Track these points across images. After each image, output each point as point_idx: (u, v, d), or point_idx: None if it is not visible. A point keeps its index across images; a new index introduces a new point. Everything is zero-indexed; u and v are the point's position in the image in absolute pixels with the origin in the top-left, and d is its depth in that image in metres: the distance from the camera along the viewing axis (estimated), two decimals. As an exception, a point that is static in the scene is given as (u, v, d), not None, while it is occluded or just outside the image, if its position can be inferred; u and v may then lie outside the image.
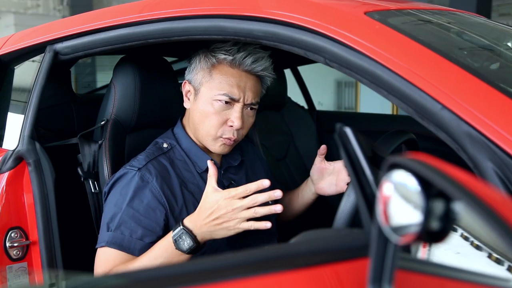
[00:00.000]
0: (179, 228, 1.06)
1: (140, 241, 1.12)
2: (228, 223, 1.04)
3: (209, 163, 1.13)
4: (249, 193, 1.04)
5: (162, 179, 1.17)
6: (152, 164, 1.18)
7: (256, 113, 1.28)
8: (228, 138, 1.20)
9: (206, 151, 1.26)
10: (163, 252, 1.08)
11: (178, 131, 1.28)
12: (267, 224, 1.04)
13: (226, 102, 1.18)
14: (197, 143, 1.26)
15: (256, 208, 1.03)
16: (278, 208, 1.02)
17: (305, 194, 1.40)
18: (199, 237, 1.06)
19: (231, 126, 1.19)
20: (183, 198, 1.18)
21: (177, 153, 1.25)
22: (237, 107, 1.19)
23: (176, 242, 1.06)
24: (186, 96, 1.26)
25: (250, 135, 1.87)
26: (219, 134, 1.20)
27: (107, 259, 1.12)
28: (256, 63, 1.20)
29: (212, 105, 1.19)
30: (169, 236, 1.08)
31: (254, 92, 1.21)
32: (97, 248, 1.15)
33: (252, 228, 1.04)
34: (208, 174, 1.10)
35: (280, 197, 1.03)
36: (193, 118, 1.24)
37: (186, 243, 1.05)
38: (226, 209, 1.04)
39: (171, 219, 1.16)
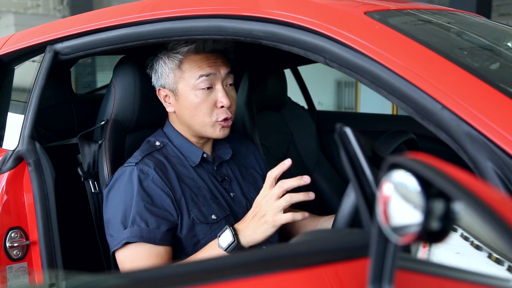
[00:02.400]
0: (226, 228, 1.08)
1: (157, 230, 1.13)
2: (266, 217, 1.03)
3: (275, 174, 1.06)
4: (275, 181, 1.04)
5: (160, 170, 1.19)
6: (148, 158, 1.21)
7: (255, 108, 1.29)
8: (225, 119, 1.24)
9: (198, 145, 1.29)
10: (206, 250, 1.10)
11: (168, 129, 1.31)
12: (310, 195, 1.02)
13: (208, 88, 1.22)
14: (189, 139, 1.29)
15: (289, 194, 1.02)
16: (311, 195, 1.02)
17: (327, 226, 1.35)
18: (242, 239, 1.06)
19: (222, 106, 1.23)
20: (181, 191, 1.19)
21: (170, 150, 1.27)
22: (218, 86, 1.23)
23: (219, 237, 1.07)
24: (165, 101, 1.29)
25: (250, 135, 1.87)
26: (214, 118, 1.23)
27: (133, 255, 1.12)
28: (216, 42, 1.24)
29: (196, 96, 1.22)
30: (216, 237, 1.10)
31: (225, 65, 1.26)
32: (115, 250, 1.14)
33: (291, 219, 1.02)
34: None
35: (308, 182, 1.02)
36: (182, 117, 1.27)
37: (227, 239, 1.06)
38: (261, 203, 1.04)
39: (177, 206, 1.17)
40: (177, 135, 1.29)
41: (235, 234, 1.06)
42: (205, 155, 1.29)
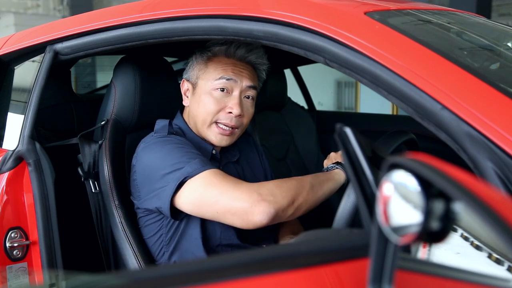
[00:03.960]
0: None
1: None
2: None
3: None
4: None
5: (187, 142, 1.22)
6: (172, 134, 1.24)
7: (255, 108, 1.30)
8: (225, 125, 1.23)
9: (209, 143, 1.28)
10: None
11: (179, 122, 1.31)
12: None
13: (224, 90, 1.22)
14: (200, 136, 1.28)
15: None
16: None
17: None
18: None
19: (230, 112, 1.22)
20: None
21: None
22: (235, 93, 1.23)
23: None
24: (185, 94, 1.30)
25: (250, 134, 1.87)
26: (214, 119, 1.23)
27: (222, 176, 1.12)
28: (250, 52, 1.25)
29: (211, 95, 1.22)
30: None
31: (250, 78, 1.25)
32: (186, 180, 1.11)
33: None
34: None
35: None
36: (192, 112, 1.27)
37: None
38: None
39: None
40: (188, 129, 1.29)
41: None
42: (214, 151, 1.28)
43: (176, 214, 1.16)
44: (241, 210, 1.06)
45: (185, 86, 1.30)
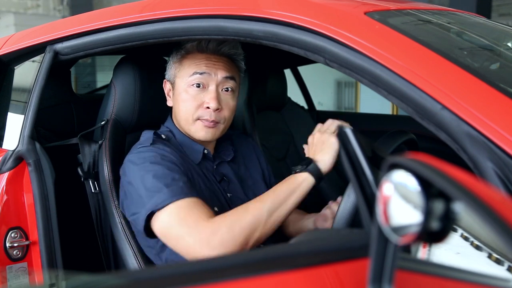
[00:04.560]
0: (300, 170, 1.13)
1: (192, 187, 1.13)
2: (326, 135, 1.19)
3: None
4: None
5: (172, 155, 1.19)
6: (156, 144, 1.21)
7: (256, 108, 1.29)
8: (206, 120, 1.22)
9: (200, 142, 1.28)
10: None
11: (170, 125, 1.31)
12: None
13: (199, 86, 1.21)
14: (188, 136, 1.28)
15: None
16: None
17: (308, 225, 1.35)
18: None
19: (208, 108, 1.21)
20: (187, 176, 1.17)
21: (174, 144, 1.26)
22: (211, 88, 1.22)
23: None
24: (167, 95, 1.31)
25: (250, 135, 1.87)
26: (195, 116, 1.22)
27: (185, 210, 1.07)
28: (222, 44, 1.24)
29: (187, 92, 1.23)
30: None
31: (225, 69, 1.23)
32: (155, 211, 1.08)
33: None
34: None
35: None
36: (175, 112, 1.28)
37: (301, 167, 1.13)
38: (315, 135, 1.22)
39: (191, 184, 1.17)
40: (177, 131, 1.29)
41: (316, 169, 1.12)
42: (206, 151, 1.28)
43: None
44: (192, 255, 1.04)
45: (167, 86, 1.31)
